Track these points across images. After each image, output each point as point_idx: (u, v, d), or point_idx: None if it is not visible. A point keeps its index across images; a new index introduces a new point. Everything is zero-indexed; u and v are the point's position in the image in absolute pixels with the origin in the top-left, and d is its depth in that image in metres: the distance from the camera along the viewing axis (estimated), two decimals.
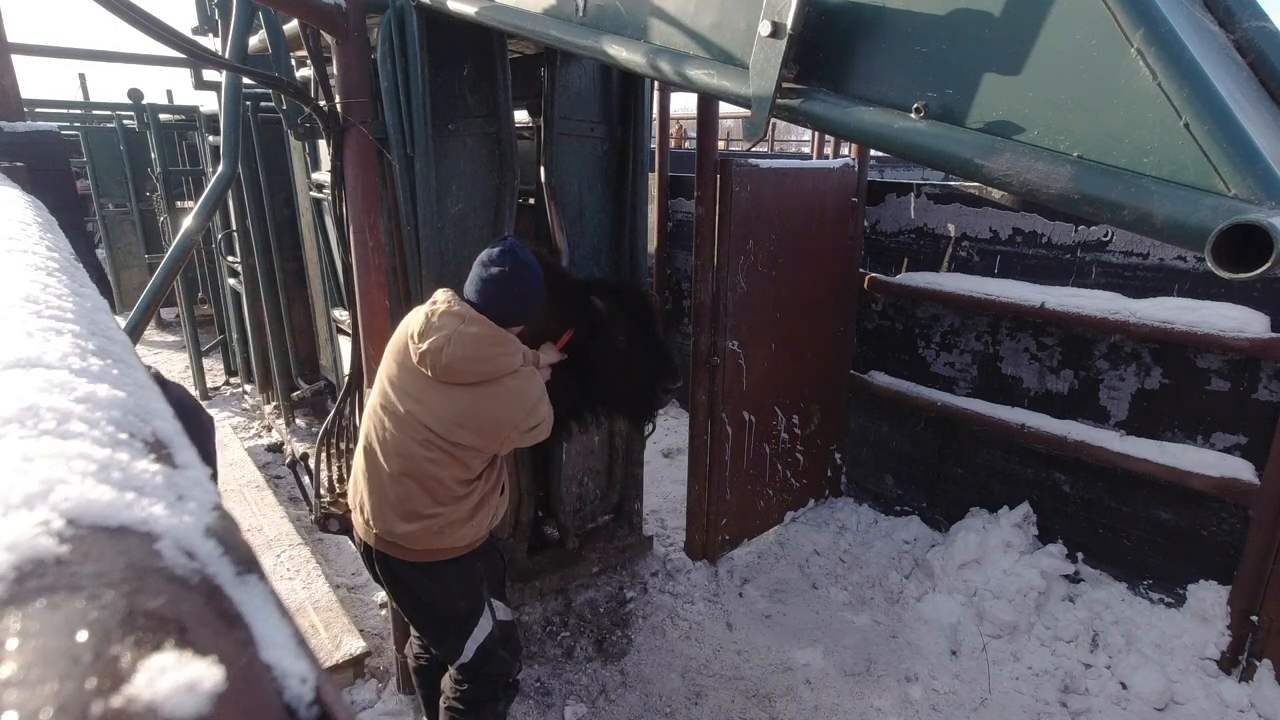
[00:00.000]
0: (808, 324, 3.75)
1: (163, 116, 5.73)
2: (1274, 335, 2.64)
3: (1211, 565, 2.95)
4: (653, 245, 5.29)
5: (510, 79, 2.71)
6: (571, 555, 3.37)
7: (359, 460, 2.02)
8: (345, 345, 3.36)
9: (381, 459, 1.92)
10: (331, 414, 2.63)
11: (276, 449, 4.91)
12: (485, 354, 1.83)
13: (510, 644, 2.20)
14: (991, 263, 3.49)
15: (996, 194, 3.36)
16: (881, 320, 4.03)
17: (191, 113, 5.64)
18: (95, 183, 8.20)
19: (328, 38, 2.18)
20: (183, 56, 2.44)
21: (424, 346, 1.83)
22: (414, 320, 1.92)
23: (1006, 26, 1.02)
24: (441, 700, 2.20)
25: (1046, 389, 3.37)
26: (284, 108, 3.09)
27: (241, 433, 5.18)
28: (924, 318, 3.80)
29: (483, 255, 1.94)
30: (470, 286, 1.93)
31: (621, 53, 1.58)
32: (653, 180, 5.09)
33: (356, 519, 2.06)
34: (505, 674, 2.20)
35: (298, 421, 4.84)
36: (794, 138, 16.19)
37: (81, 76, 10.54)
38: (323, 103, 2.25)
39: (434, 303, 1.91)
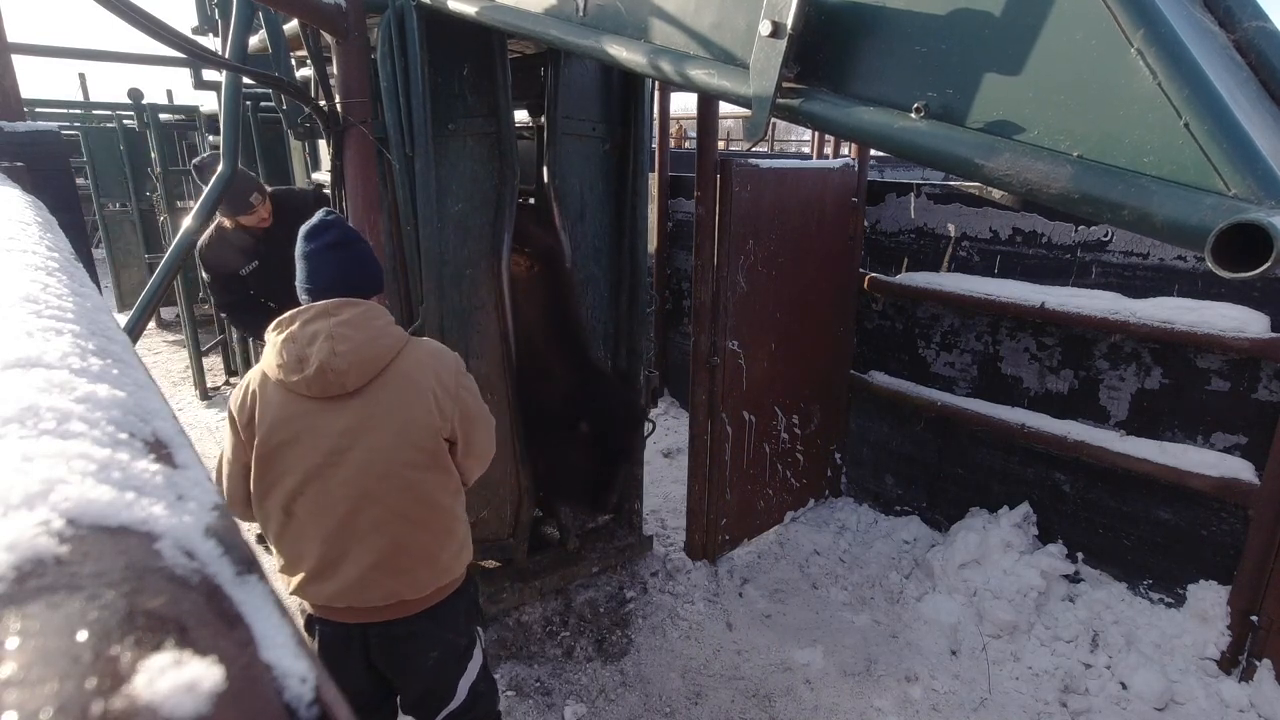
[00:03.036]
0: (808, 324, 3.75)
1: (163, 116, 5.73)
2: (1274, 335, 2.64)
3: (1211, 565, 2.95)
4: (653, 245, 5.29)
5: (510, 79, 2.71)
6: (571, 555, 3.37)
7: (288, 561, 1.70)
8: None
9: (342, 529, 1.60)
10: None
11: None
12: (375, 329, 1.59)
13: (488, 677, 1.97)
14: (991, 263, 3.49)
15: (996, 194, 3.35)
16: (881, 320, 4.03)
17: (191, 113, 5.65)
18: (95, 183, 8.20)
19: (328, 38, 2.18)
20: (183, 56, 2.44)
21: (310, 371, 1.53)
22: (264, 375, 1.60)
23: (1006, 26, 1.02)
24: None
25: (1046, 389, 3.37)
26: (284, 108, 3.09)
27: None
28: (924, 318, 3.80)
29: (300, 242, 1.67)
30: (303, 283, 1.65)
31: (622, 53, 1.58)
32: (653, 180, 5.09)
33: (315, 606, 1.72)
34: (491, 713, 1.96)
35: None
36: (794, 138, 16.20)
37: (81, 76, 10.55)
38: (323, 103, 2.25)
39: (275, 332, 1.61)
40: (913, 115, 1.12)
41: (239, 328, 3.47)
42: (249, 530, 2.73)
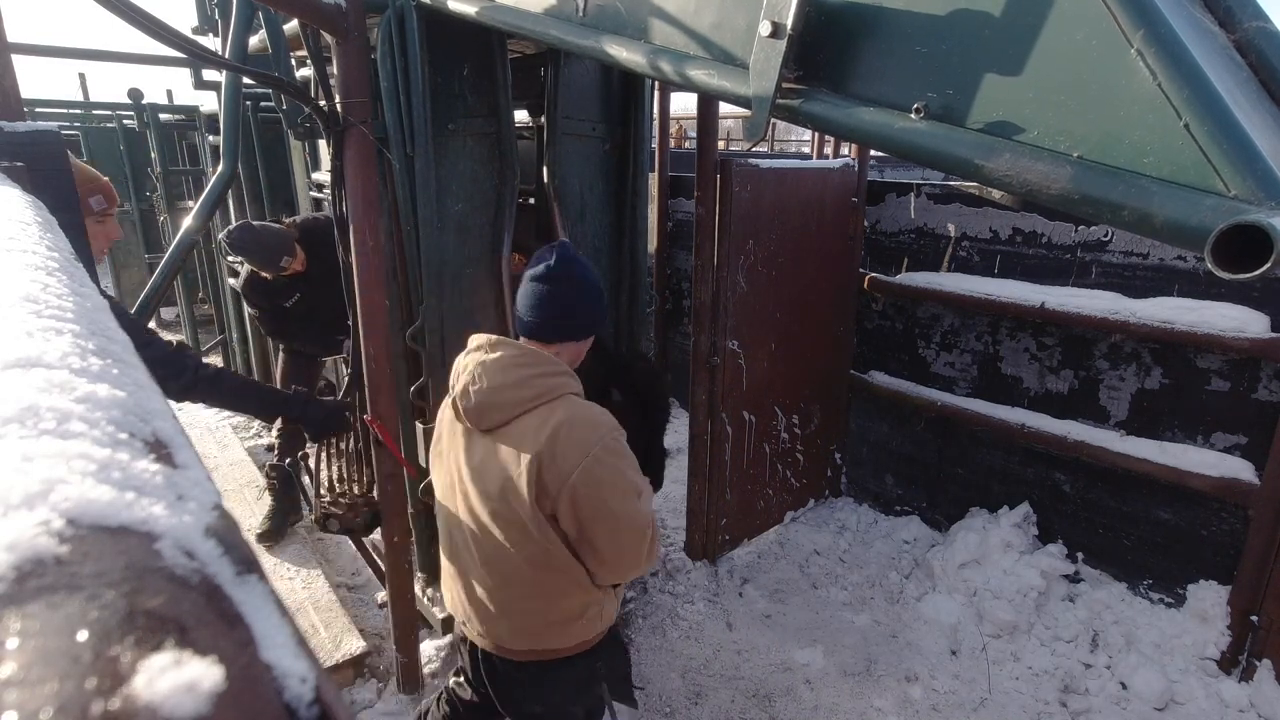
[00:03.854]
0: (808, 324, 3.75)
1: (163, 116, 5.73)
2: (1274, 335, 2.64)
3: (1211, 565, 2.95)
4: (653, 245, 5.29)
5: (510, 79, 2.71)
6: None
7: (444, 558, 1.75)
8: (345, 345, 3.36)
9: (464, 549, 1.63)
10: None
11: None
12: (518, 376, 1.50)
13: None
14: (991, 263, 3.49)
15: (996, 194, 3.34)
16: (881, 320, 4.03)
17: (191, 113, 5.65)
18: None
19: (328, 38, 2.18)
20: (183, 56, 2.44)
21: (457, 393, 1.56)
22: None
23: (1006, 27, 1.02)
24: None
25: (1046, 389, 3.37)
26: (284, 108, 3.09)
27: (241, 433, 5.18)
28: (924, 318, 3.80)
29: (530, 264, 1.63)
30: (519, 310, 1.62)
31: (622, 53, 1.58)
32: (653, 180, 5.09)
33: (457, 616, 1.76)
34: None
35: None
36: (794, 138, 16.20)
37: (81, 76, 10.54)
38: (323, 103, 2.25)
39: (468, 351, 1.63)
40: (913, 116, 1.12)
41: (290, 343, 3.58)
42: (247, 530, 2.73)
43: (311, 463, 2.64)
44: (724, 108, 3.81)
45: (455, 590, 1.69)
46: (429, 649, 2.95)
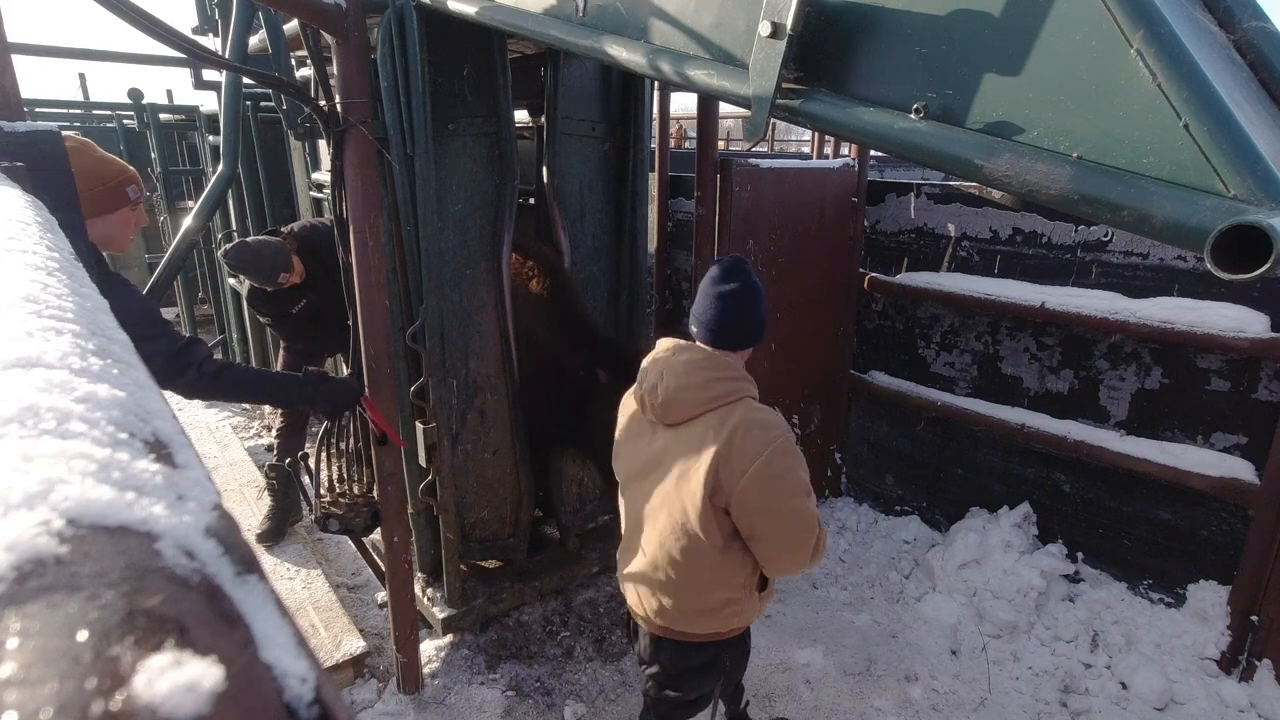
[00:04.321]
0: (808, 324, 3.75)
1: (163, 116, 5.73)
2: (1274, 335, 2.64)
3: (1211, 565, 2.95)
4: (653, 245, 5.28)
5: (510, 79, 2.71)
6: (571, 555, 3.37)
7: (625, 535, 1.94)
8: None
9: (637, 529, 1.83)
10: None
11: None
12: (700, 379, 1.65)
13: None
14: (991, 263, 3.49)
15: (996, 194, 3.36)
16: (881, 320, 4.03)
17: (191, 113, 5.65)
18: None
19: (328, 38, 2.18)
20: (183, 56, 2.44)
21: (644, 390, 1.73)
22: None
23: (1006, 27, 1.02)
24: None
25: (1046, 389, 3.37)
26: (284, 108, 3.09)
27: (241, 433, 5.18)
28: (924, 317, 3.80)
29: (708, 274, 1.76)
30: (695, 314, 1.76)
31: (622, 53, 1.58)
32: (653, 180, 5.08)
33: (629, 596, 1.93)
34: None
35: None
36: (794, 138, 16.19)
37: (81, 76, 10.54)
38: (323, 103, 2.25)
39: (656, 351, 1.82)
40: (913, 116, 1.12)
41: (308, 347, 3.62)
42: (247, 530, 2.73)
43: (311, 463, 2.64)
44: (724, 108, 3.81)
45: (625, 564, 1.90)
46: (429, 649, 2.96)
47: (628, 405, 1.87)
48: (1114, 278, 3.08)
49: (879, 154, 6.66)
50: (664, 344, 1.79)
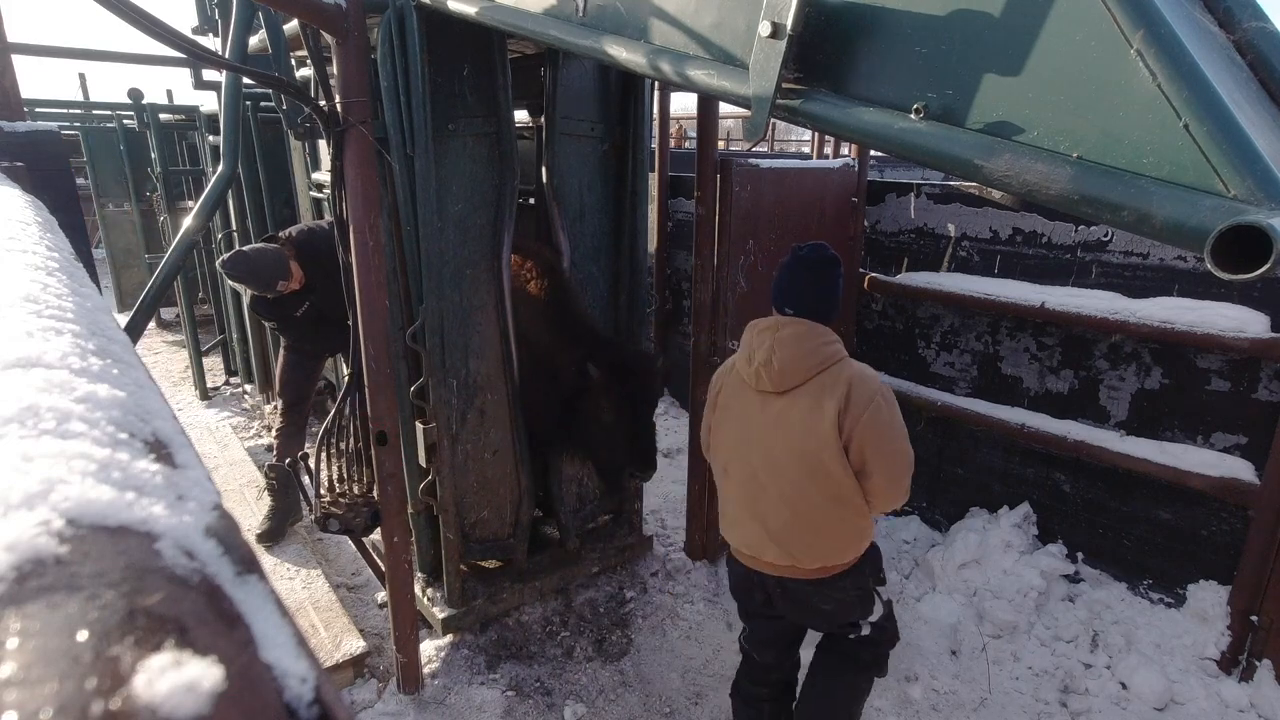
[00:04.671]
0: None
1: (163, 116, 5.73)
2: (1274, 335, 2.64)
3: (1211, 565, 2.95)
4: (653, 245, 5.29)
5: (510, 79, 2.71)
6: (571, 555, 3.37)
7: (731, 506, 2.14)
8: None
9: (760, 493, 2.02)
10: (331, 414, 2.63)
11: None
12: (808, 347, 1.94)
13: (890, 615, 2.27)
14: (991, 263, 3.49)
15: (996, 194, 3.36)
16: (881, 320, 4.03)
17: (191, 113, 5.64)
18: (95, 183, 8.19)
19: (328, 38, 2.18)
20: (183, 56, 2.44)
21: (756, 365, 1.97)
22: (734, 362, 2.11)
23: (1006, 27, 1.02)
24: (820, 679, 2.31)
25: (1046, 389, 3.37)
26: (284, 108, 3.09)
27: (241, 433, 5.18)
28: (924, 318, 3.80)
29: (791, 259, 2.03)
30: (775, 289, 2.05)
31: (622, 53, 1.58)
32: (653, 180, 5.09)
33: (746, 553, 2.14)
34: (894, 637, 2.29)
35: None
36: (794, 138, 16.19)
37: (81, 76, 10.55)
38: (323, 103, 2.25)
39: (747, 332, 2.08)
40: (912, 116, 1.12)
41: (316, 348, 3.65)
42: (247, 530, 2.73)
43: (311, 463, 2.64)
44: (724, 108, 3.81)
45: (748, 529, 2.09)
46: (429, 649, 2.96)
47: (724, 384, 2.12)
48: (1114, 278, 3.08)
49: (879, 154, 6.66)
50: (763, 324, 2.03)
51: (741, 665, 2.43)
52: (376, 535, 2.70)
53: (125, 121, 6.97)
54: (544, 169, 2.96)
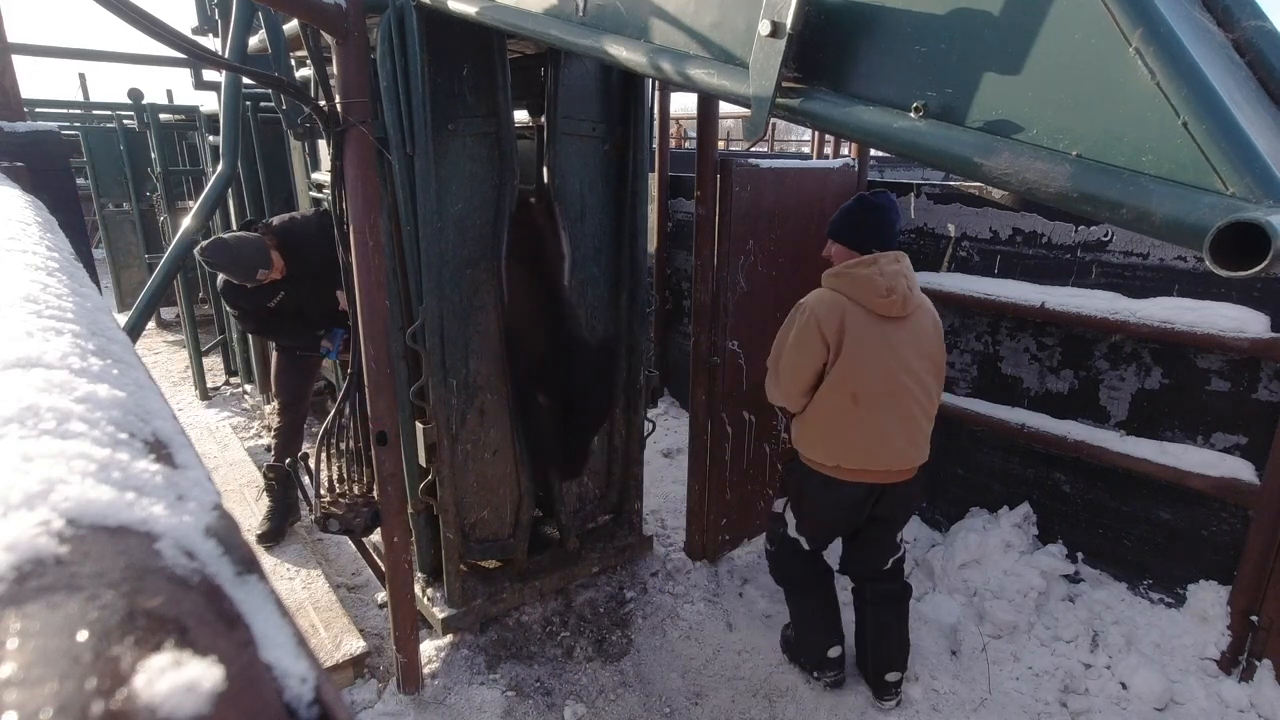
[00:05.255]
0: None
1: (163, 116, 5.73)
2: (1274, 335, 2.64)
3: (1211, 565, 2.95)
4: (653, 245, 5.29)
5: (510, 79, 2.71)
6: (571, 555, 3.37)
7: (839, 438, 2.44)
8: None
9: (900, 408, 2.38)
10: (331, 414, 2.63)
11: None
12: (913, 277, 2.41)
13: None
14: (991, 263, 3.49)
15: (996, 193, 3.36)
16: None
17: (191, 113, 5.65)
18: (95, 183, 8.19)
19: (328, 38, 2.18)
20: (183, 56, 2.44)
21: (894, 298, 2.32)
22: (848, 302, 2.37)
23: (1005, 26, 1.02)
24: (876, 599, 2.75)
25: (1046, 389, 3.37)
26: (284, 108, 3.10)
27: (241, 433, 5.18)
28: None
29: (865, 202, 2.44)
30: (870, 236, 2.42)
31: (622, 52, 1.58)
32: (653, 180, 5.09)
33: (873, 469, 2.45)
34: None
35: None
36: (794, 138, 16.20)
37: (81, 76, 10.55)
38: (323, 103, 2.25)
39: (861, 268, 2.38)
40: (912, 114, 1.12)
41: (272, 339, 3.64)
42: (247, 530, 2.73)
43: (311, 463, 2.64)
44: (724, 107, 3.81)
45: (890, 445, 2.41)
46: (429, 649, 2.96)
47: (843, 318, 2.36)
48: (1114, 278, 3.08)
49: (879, 154, 6.67)
50: (883, 256, 2.36)
51: (798, 558, 2.75)
52: (376, 535, 2.70)
53: (125, 121, 6.97)
54: (545, 169, 2.96)
